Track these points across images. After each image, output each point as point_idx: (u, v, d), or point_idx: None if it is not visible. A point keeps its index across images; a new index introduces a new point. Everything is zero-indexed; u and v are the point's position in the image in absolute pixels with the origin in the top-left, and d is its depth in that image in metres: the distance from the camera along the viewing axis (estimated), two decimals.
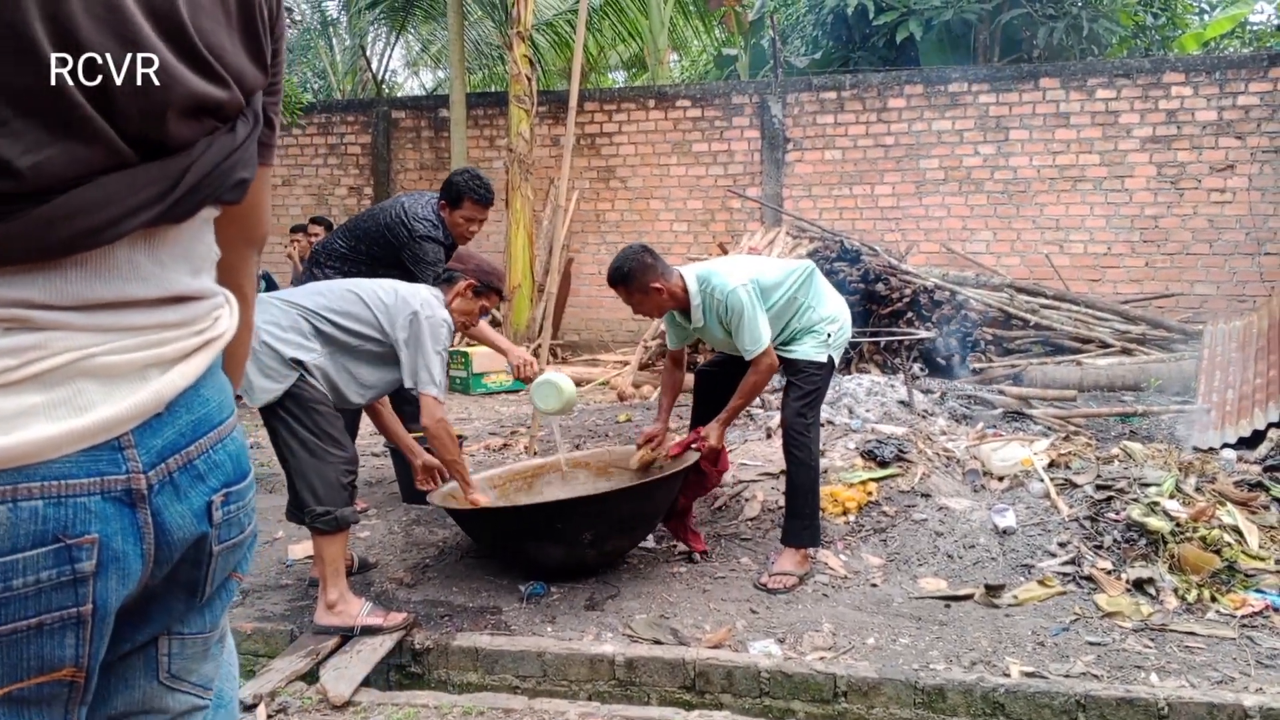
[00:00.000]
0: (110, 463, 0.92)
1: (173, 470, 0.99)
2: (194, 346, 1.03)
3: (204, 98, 0.95)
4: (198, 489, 1.02)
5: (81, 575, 0.90)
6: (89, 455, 0.90)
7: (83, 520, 0.90)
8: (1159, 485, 4.29)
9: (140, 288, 0.96)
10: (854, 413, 5.67)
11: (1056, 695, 3.00)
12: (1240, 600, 3.59)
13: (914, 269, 9.31)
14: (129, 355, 0.95)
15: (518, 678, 3.38)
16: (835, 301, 4.20)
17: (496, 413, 8.07)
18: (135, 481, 0.94)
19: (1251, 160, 9.79)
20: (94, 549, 0.91)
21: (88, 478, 0.90)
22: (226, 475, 1.06)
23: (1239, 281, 9.92)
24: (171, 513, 0.98)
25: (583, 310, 11.76)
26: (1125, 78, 10.08)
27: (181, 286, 1.01)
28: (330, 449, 3.49)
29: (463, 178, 4.78)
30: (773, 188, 11.11)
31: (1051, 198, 10.35)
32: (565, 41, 14.05)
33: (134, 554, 0.95)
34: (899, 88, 10.76)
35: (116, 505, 0.93)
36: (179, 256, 1.01)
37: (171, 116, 0.92)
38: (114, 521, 0.92)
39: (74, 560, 0.89)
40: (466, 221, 4.80)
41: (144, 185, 0.92)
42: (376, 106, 12.76)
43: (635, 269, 3.92)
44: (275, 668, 3.26)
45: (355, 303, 3.67)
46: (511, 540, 3.99)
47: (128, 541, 0.94)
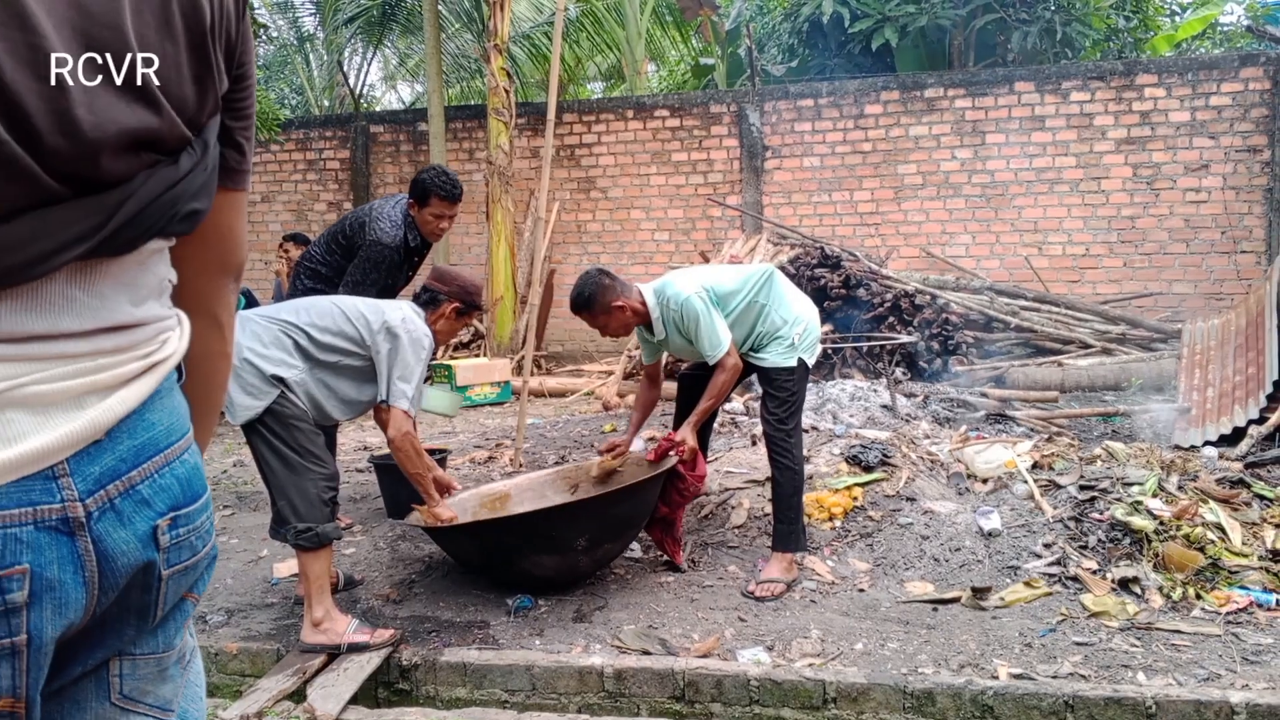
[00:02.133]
0: (44, 492, 0.91)
1: (113, 496, 0.97)
2: (137, 371, 1.01)
3: (139, 132, 0.92)
4: (142, 514, 1.00)
5: (13, 606, 0.89)
6: (20, 485, 0.89)
7: (13, 551, 0.88)
8: (1142, 484, 4.32)
9: (74, 321, 0.94)
10: (838, 418, 5.68)
11: (1045, 696, 3.00)
12: (1225, 597, 3.61)
13: (894, 274, 9.35)
14: (63, 384, 0.93)
15: (506, 691, 3.36)
16: (800, 303, 4.22)
17: (481, 425, 8.05)
18: (72, 509, 0.92)
19: (1225, 160, 9.89)
20: (25, 579, 0.89)
21: (19, 508, 0.89)
22: (174, 499, 1.04)
23: (1216, 280, 10.01)
24: (114, 539, 0.96)
25: (565, 321, 11.73)
26: (1099, 80, 10.17)
27: (122, 316, 0.99)
28: (310, 465, 3.47)
29: (429, 174, 4.79)
30: (752, 195, 11.15)
31: (1029, 200, 10.43)
32: (543, 53, 14.09)
33: (72, 582, 0.93)
34: (875, 94, 10.82)
35: (52, 534, 0.91)
36: (120, 287, 0.99)
37: (105, 153, 0.90)
38: (48, 551, 0.91)
39: (4, 591, 0.88)
40: (436, 219, 4.80)
41: (76, 220, 0.90)
42: (355, 121, 12.74)
43: (595, 292, 4.01)
44: (262, 687, 3.23)
45: (338, 317, 3.66)
46: (501, 554, 3.97)
47: (65, 570, 0.92)
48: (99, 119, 0.88)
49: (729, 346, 3.99)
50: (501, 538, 3.93)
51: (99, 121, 0.88)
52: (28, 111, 0.84)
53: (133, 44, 0.91)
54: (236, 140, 1.12)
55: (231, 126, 1.10)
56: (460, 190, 4.85)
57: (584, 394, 9.33)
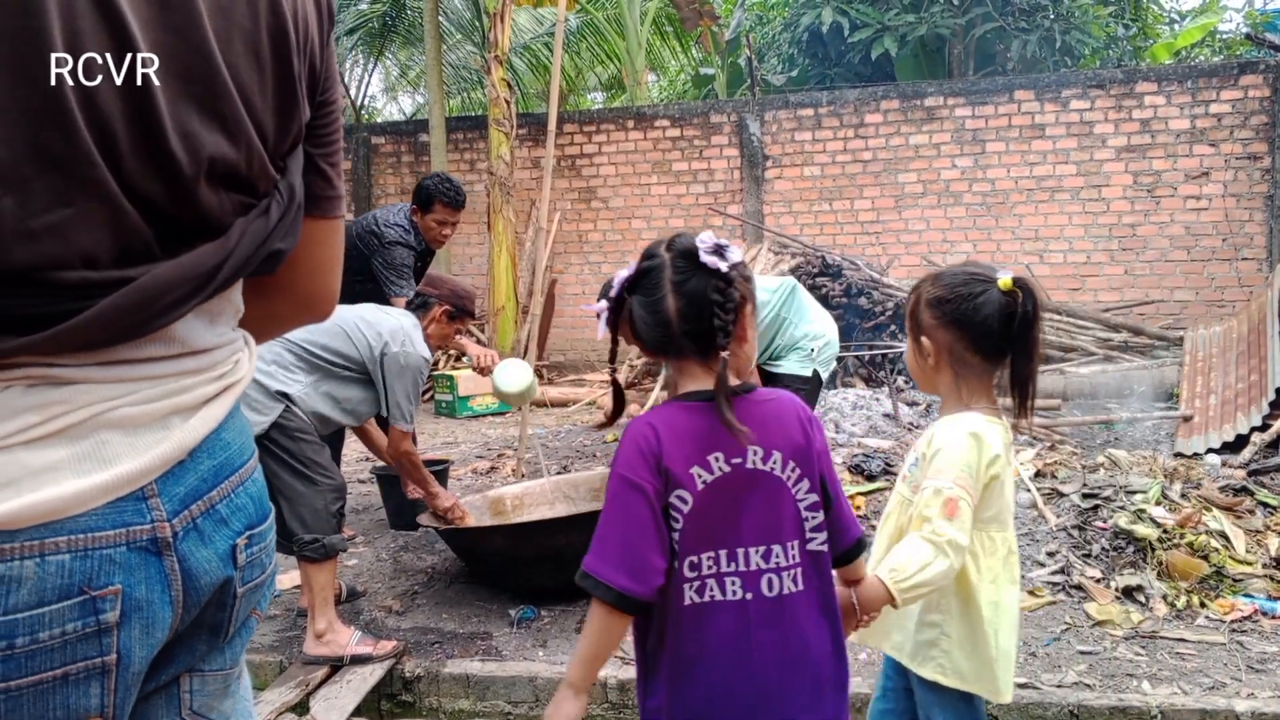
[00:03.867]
0: (135, 513, 0.93)
1: (196, 516, 0.99)
2: (215, 392, 1.04)
3: (221, 160, 0.95)
4: (222, 533, 1.02)
5: (105, 626, 0.91)
6: (114, 507, 0.91)
7: (107, 572, 0.90)
8: (1145, 492, 4.31)
9: (160, 347, 0.97)
10: (840, 427, 5.68)
11: (1050, 706, 3.00)
12: (1229, 605, 3.61)
13: (895, 282, 9.35)
14: (150, 405, 0.96)
15: (510, 703, 3.36)
16: (821, 318, 4.20)
17: (483, 435, 8.05)
18: (160, 530, 0.95)
19: (1225, 167, 9.89)
20: (117, 599, 0.91)
21: (113, 529, 0.91)
22: (249, 518, 1.07)
23: (1217, 287, 10.00)
24: (197, 558, 0.99)
25: (567, 331, 11.76)
26: (1099, 88, 10.18)
27: (201, 340, 1.02)
28: (317, 477, 3.49)
29: (432, 181, 4.83)
30: (753, 205, 11.16)
31: (1030, 208, 10.43)
32: (543, 64, 14.13)
33: (160, 601, 0.95)
34: (875, 103, 10.84)
35: (142, 555, 0.93)
36: (202, 313, 1.02)
37: (201, 185, 0.93)
38: (138, 571, 0.93)
39: (98, 611, 0.90)
40: (439, 225, 4.84)
41: (191, 276, 0.94)
42: (356, 132, 12.77)
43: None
44: (265, 700, 3.22)
45: (339, 336, 3.71)
46: (512, 564, 3.97)
47: (153, 590, 0.94)
48: (188, 145, 0.91)
49: (752, 366, 3.94)
50: (529, 544, 3.92)
51: (189, 147, 0.91)
52: (117, 138, 0.86)
53: (223, 73, 0.93)
54: (321, 167, 1.13)
55: (315, 154, 1.12)
56: (463, 196, 4.88)
57: (586, 404, 9.33)
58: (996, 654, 1.96)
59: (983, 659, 1.97)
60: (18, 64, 0.80)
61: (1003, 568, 2.00)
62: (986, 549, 1.99)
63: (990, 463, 1.95)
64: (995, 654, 1.96)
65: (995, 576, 1.99)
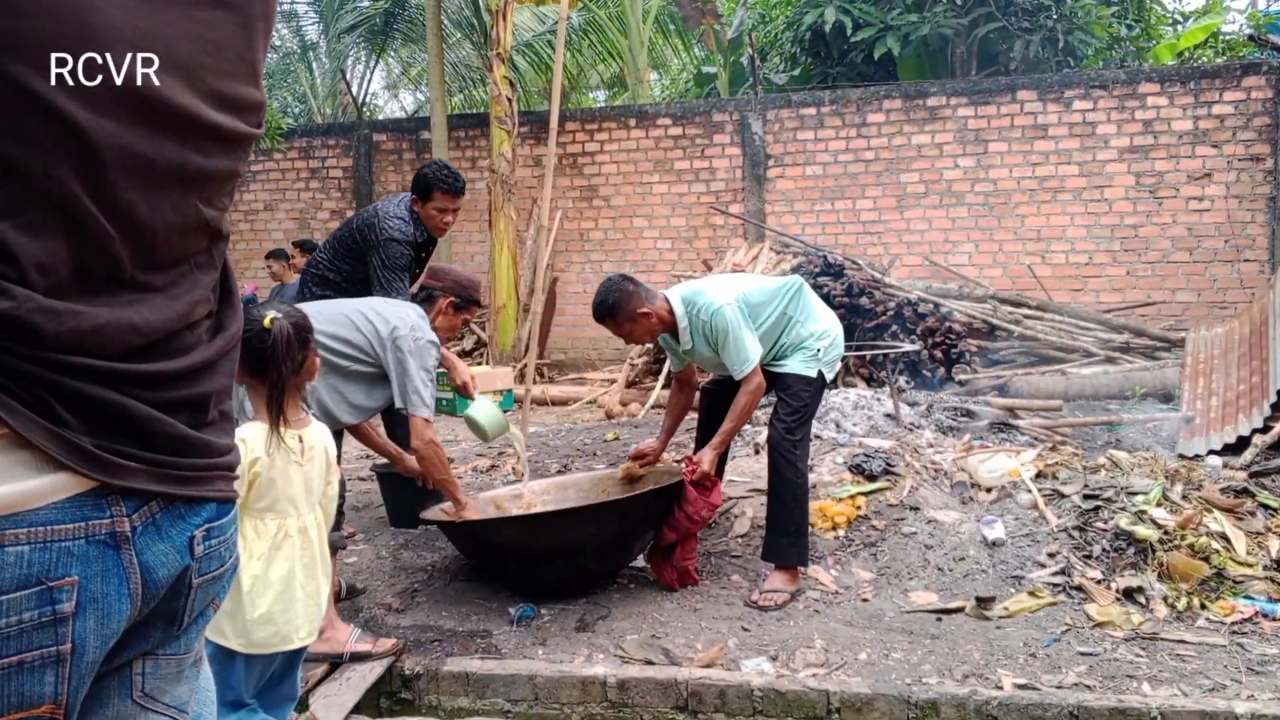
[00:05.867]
0: (95, 508, 0.95)
1: (155, 512, 1.01)
2: None
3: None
4: (179, 527, 1.05)
5: (61, 616, 0.93)
6: (75, 501, 0.93)
7: (64, 564, 0.93)
8: (1146, 494, 4.31)
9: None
10: (841, 427, 5.67)
11: (1049, 707, 2.99)
12: (1230, 607, 3.60)
13: (897, 282, 9.34)
14: None
15: (509, 701, 3.36)
16: (826, 317, 4.17)
17: None
18: (119, 525, 0.97)
19: (1228, 168, 9.89)
20: (74, 590, 0.94)
21: (72, 523, 0.93)
22: (210, 511, 1.09)
23: (1219, 289, 9.99)
24: (154, 551, 1.01)
25: (568, 329, 11.76)
26: (1101, 89, 10.17)
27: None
28: None
29: (430, 169, 4.81)
30: (755, 204, 11.15)
31: (1032, 209, 10.42)
32: (545, 62, 14.12)
33: (116, 594, 0.98)
34: (878, 103, 10.83)
35: (100, 548, 0.96)
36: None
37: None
38: (95, 564, 0.95)
39: (55, 602, 0.92)
40: (440, 213, 4.82)
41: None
42: (358, 130, 12.76)
43: (619, 299, 3.93)
44: None
45: (345, 325, 3.67)
46: (526, 558, 3.97)
47: (109, 583, 0.97)
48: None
49: (756, 364, 3.91)
50: (535, 538, 3.92)
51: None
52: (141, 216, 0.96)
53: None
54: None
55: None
56: (463, 183, 4.86)
57: (587, 402, 9.32)
58: (253, 617, 2.45)
59: (238, 622, 2.46)
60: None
61: (271, 549, 2.48)
62: (260, 533, 2.49)
63: (251, 464, 2.43)
64: (252, 618, 2.45)
65: (263, 555, 2.48)
